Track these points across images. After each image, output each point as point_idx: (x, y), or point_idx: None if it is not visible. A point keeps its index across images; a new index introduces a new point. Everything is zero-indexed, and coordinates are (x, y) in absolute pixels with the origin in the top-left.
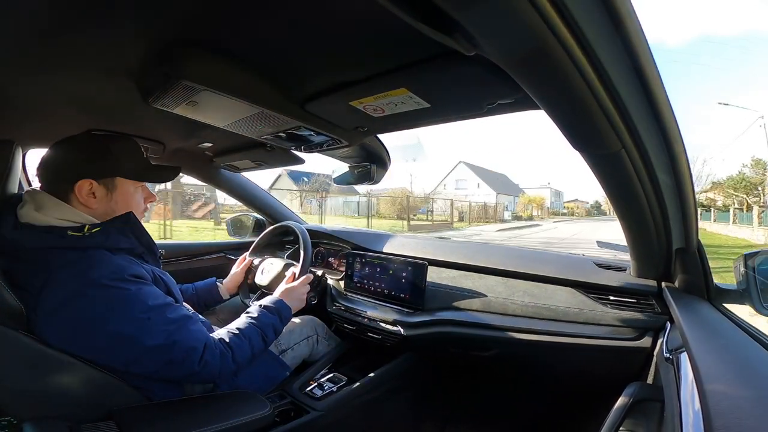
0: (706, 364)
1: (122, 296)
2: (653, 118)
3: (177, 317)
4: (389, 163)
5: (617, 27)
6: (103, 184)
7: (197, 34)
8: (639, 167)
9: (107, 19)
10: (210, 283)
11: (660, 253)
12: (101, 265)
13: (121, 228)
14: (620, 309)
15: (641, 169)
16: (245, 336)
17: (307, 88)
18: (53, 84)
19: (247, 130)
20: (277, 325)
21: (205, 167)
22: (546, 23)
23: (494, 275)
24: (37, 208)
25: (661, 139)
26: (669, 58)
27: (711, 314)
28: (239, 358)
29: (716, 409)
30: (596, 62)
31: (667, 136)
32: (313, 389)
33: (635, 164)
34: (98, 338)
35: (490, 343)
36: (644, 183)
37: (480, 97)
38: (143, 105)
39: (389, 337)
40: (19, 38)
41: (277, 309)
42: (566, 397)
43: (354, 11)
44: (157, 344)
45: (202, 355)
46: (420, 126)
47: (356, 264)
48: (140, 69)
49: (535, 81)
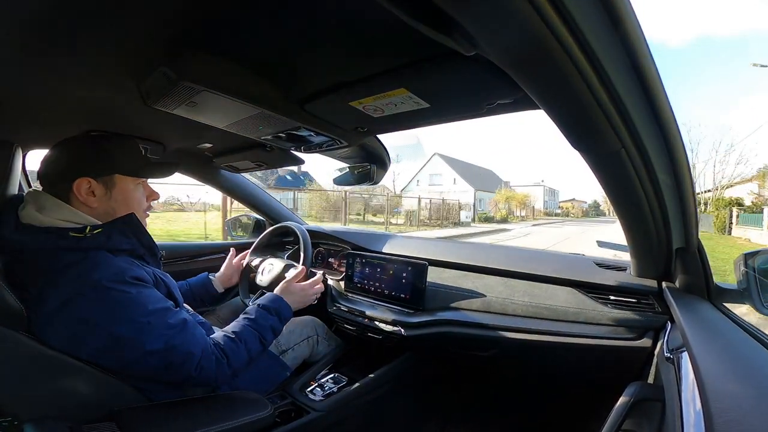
0: (707, 364)
1: (123, 299)
2: (653, 118)
3: (176, 322)
4: (389, 164)
5: (616, 26)
6: (101, 182)
7: (197, 35)
8: (639, 167)
9: (108, 20)
10: (203, 278)
11: (660, 253)
12: (102, 266)
13: (122, 229)
14: (620, 309)
15: (641, 168)
16: (242, 340)
17: (306, 88)
18: (53, 85)
19: (246, 131)
20: (276, 325)
21: (204, 168)
22: (545, 23)
23: (494, 275)
24: (39, 209)
25: (660, 138)
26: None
27: (711, 314)
28: (235, 364)
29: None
30: (595, 62)
31: (666, 136)
32: (314, 390)
33: (635, 164)
34: (98, 340)
35: (490, 343)
36: (644, 182)
37: (479, 97)
38: (143, 106)
39: (389, 337)
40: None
41: (276, 309)
42: (567, 397)
43: (353, 11)
44: (155, 348)
45: (199, 361)
46: (419, 126)
47: (356, 264)
48: (140, 70)
49: (534, 81)
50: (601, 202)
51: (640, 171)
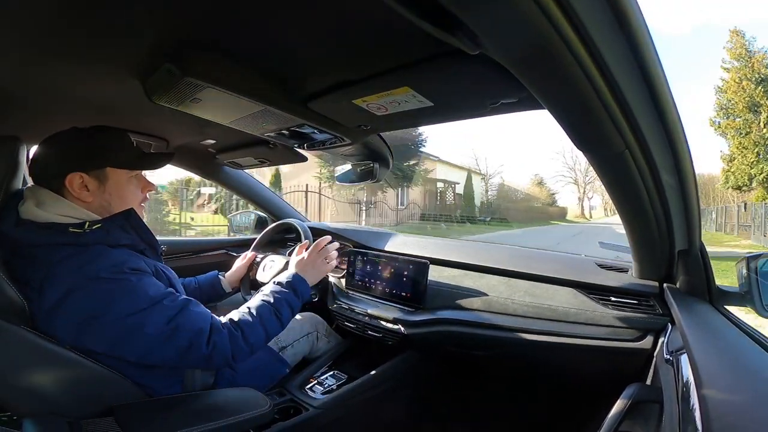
0: (706, 366)
1: (123, 287)
2: (657, 119)
3: (178, 303)
4: (392, 162)
5: (622, 26)
6: (94, 176)
7: (201, 32)
8: (642, 168)
9: (112, 17)
10: (212, 276)
11: (662, 255)
12: (101, 258)
13: (121, 224)
14: (621, 310)
15: (645, 169)
16: (256, 314)
17: (310, 86)
18: (57, 82)
19: (250, 128)
20: (292, 300)
21: (208, 164)
22: (550, 22)
23: (495, 275)
24: (38, 204)
25: (665, 139)
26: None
27: (712, 316)
28: (251, 338)
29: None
30: (600, 62)
31: (671, 137)
32: (313, 387)
33: (639, 165)
34: (104, 330)
35: (490, 342)
36: (648, 184)
37: (483, 96)
38: (147, 102)
39: (390, 335)
40: (23, 36)
41: (291, 283)
42: (566, 398)
43: (357, 10)
44: (162, 332)
45: (209, 336)
46: (423, 125)
47: (358, 262)
48: (145, 67)
49: (538, 80)
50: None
51: (643, 172)
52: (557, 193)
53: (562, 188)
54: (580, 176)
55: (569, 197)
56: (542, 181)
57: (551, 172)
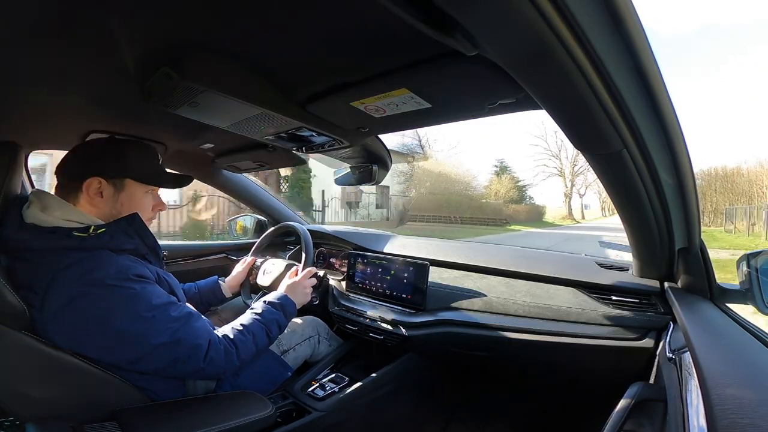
0: (710, 364)
1: (127, 295)
2: (655, 118)
3: (181, 315)
4: (390, 164)
5: (618, 26)
6: (112, 183)
7: (198, 35)
8: (641, 167)
9: (109, 20)
10: (212, 281)
11: (662, 253)
12: (105, 265)
13: (125, 229)
14: (622, 309)
15: (643, 168)
16: (249, 332)
17: (308, 88)
18: (55, 86)
19: (248, 131)
20: (281, 320)
21: (206, 168)
22: (547, 23)
23: (496, 275)
24: (43, 208)
25: (663, 138)
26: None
27: (714, 314)
28: (243, 355)
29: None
30: (597, 62)
31: (669, 136)
32: (315, 390)
33: (637, 164)
34: (104, 337)
35: (491, 343)
36: (646, 183)
37: (481, 97)
38: (145, 106)
39: (391, 337)
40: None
41: (281, 305)
42: (568, 397)
43: (355, 11)
44: (162, 342)
45: (207, 351)
46: (421, 126)
47: (358, 264)
48: (142, 70)
49: (536, 81)
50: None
51: (642, 171)
52: (531, 185)
53: (542, 182)
54: (567, 166)
55: (553, 194)
56: (506, 170)
57: (530, 162)
